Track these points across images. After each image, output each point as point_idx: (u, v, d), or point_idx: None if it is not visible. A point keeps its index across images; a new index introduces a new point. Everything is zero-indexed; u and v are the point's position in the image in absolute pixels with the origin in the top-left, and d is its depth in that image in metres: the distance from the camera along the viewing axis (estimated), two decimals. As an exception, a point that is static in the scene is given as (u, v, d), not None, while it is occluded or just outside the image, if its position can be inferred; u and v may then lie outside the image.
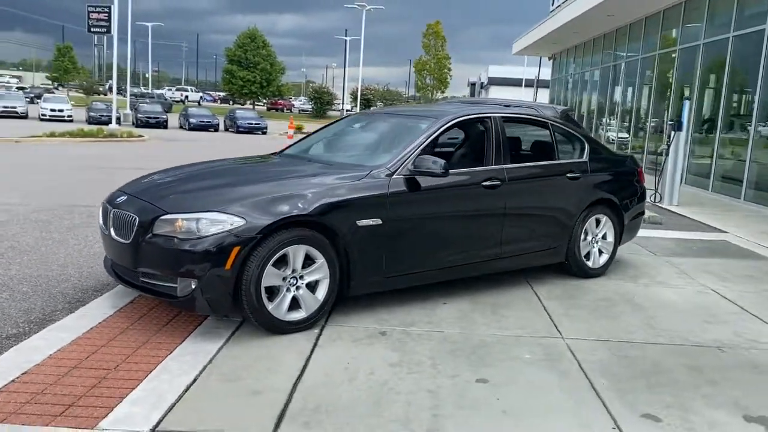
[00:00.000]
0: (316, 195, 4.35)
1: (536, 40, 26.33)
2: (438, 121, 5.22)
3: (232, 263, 3.98)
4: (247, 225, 4.04)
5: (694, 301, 5.52)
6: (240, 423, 3.07)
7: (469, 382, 3.67)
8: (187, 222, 4.04)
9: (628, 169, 6.50)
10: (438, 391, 3.53)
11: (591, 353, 4.21)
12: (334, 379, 3.63)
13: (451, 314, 4.86)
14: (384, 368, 3.80)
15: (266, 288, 4.14)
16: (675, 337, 4.60)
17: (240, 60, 53.76)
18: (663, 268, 6.66)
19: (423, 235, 4.86)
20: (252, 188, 4.41)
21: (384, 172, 4.71)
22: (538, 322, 4.77)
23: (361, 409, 3.28)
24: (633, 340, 4.51)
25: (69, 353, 3.82)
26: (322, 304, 4.39)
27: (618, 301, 5.42)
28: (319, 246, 4.31)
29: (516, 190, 5.37)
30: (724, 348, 4.44)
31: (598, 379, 3.80)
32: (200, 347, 3.99)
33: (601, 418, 3.32)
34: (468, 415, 3.27)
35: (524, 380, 3.75)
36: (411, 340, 4.29)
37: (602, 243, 6.16)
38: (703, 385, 3.80)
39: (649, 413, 3.39)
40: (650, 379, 3.84)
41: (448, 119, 5.27)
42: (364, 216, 4.49)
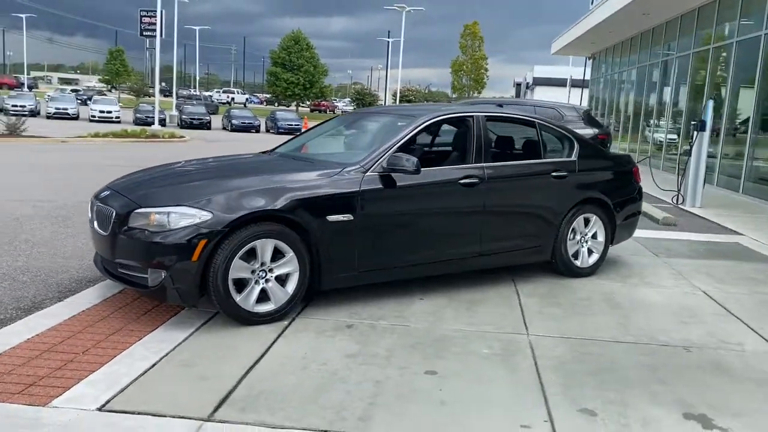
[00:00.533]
0: (286, 191, 4.50)
1: (573, 39, 26.00)
2: (415, 121, 5.31)
3: (198, 255, 4.16)
4: (214, 219, 4.22)
5: (678, 302, 5.47)
6: (181, 405, 3.24)
7: (417, 374, 3.76)
8: (159, 215, 4.24)
9: (621, 169, 6.45)
10: (384, 382, 3.64)
11: (551, 350, 4.24)
12: (287, 368, 3.77)
13: (424, 309, 4.94)
14: (339, 359, 3.92)
15: (235, 280, 4.32)
16: (643, 336, 4.59)
17: (284, 62, 54.58)
18: (659, 269, 6.59)
19: (397, 231, 4.96)
20: (225, 184, 4.58)
21: (358, 170, 4.83)
22: (508, 319, 4.81)
23: (301, 396, 3.41)
24: (599, 338, 4.51)
25: (45, 338, 4.06)
26: (291, 297, 4.54)
27: (598, 300, 5.42)
28: (288, 240, 4.46)
29: (496, 189, 5.42)
30: (691, 348, 4.41)
31: (548, 375, 3.84)
32: (169, 335, 4.18)
33: (537, 411, 3.37)
34: (403, 405, 3.37)
35: (473, 374, 3.81)
36: (375, 333, 4.40)
37: (592, 242, 6.15)
38: (654, 383, 3.80)
39: (587, 408, 3.43)
40: (602, 375, 3.86)
41: (425, 119, 5.36)
42: (334, 212, 4.62)
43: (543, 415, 3.33)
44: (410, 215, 5.04)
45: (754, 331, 4.81)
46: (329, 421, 3.15)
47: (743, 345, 4.51)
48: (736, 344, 4.52)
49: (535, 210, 5.71)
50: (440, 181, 5.19)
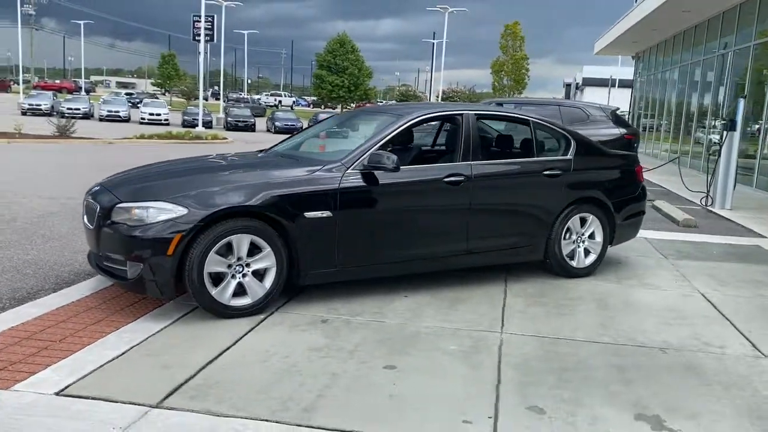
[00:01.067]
0: (263, 188, 4.60)
1: (614, 39, 25.49)
2: (400, 119, 5.35)
3: (174, 249, 4.29)
4: (190, 214, 4.34)
5: (671, 304, 5.34)
6: (134, 392, 3.35)
7: (375, 369, 3.80)
8: (138, 210, 4.39)
9: (622, 168, 6.33)
10: (340, 375, 3.68)
11: (519, 348, 4.21)
12: (248, 359, 3.85)
13: (405, 306, 4.97)
14: (303, 353, 3.99)
15: (212, 274, 4.43)
16: (622, 337, 4.51)
17: (329, 65, 55.02)
18: (662, 271, 6.44)
19: (379, 228, 5.00)
20: (204, 180, 4.71)
21: (339, 167, 4.90)
22: (487, 317, 4.79)
23: (254, 387, 3.48)
24: (575, 338, 4.45)
25: (28, 326, 4.25)
26: (267, 292, 4.62)
27: (588, 300, 5.33)
28: (265, 236, 4.55)
29: (483, 187, 5.40)
30: (668, 349, 4.31)
31: (508, 372, 3.82)
32: (146, 326, 4.32)
33: (485, 407, 3.36)
34: (351, 397, 3.41)
35: (432, 369, 3.82)
36: (348, 328, 4.45)
37: (589, 242, 6.05)
38: (617, 383, 3.73)
39: (537, 405, 3.40)
40: (564, 375, 3.81)
41: (410, 118, 5.38)
42: (312, 209, 4.69)
43: (489, 412, 3.32)
44: (393, 213, 5.07)
45: (741, 334, 4.67)
46: (272, 411, 3.22)
47: (725, 348, 4.38)
48: (718, 347, 4.39)
49: (526, 208, 5.66)
50: (424, 179, 5.21)
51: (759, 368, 4.05)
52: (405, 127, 5.32)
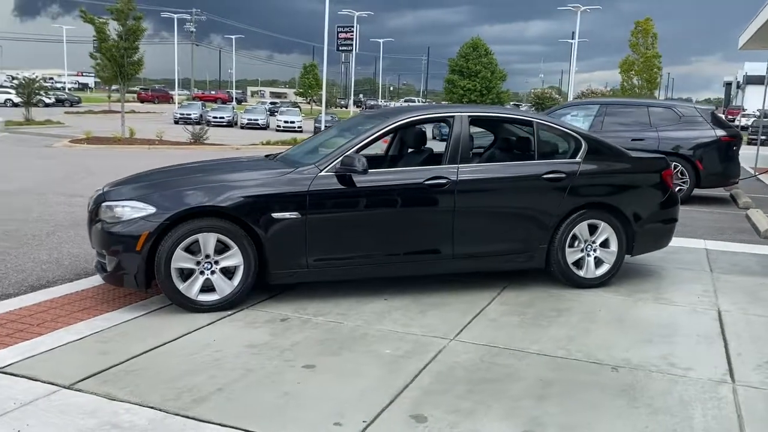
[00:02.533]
0: (231, 188, 4.82)
1: (758, 29, 23.19)
2: (384, 122, 5.36)
3: (142, 245, 4.62)
4: (157, 213, 4.66)
5: (669, 320, 4.89)
6: (59, 373, 3.68)
7: (293, 367, 3.87)
8: (117, 209, 4.77)
9: (644, 173, 5.86)
10: (254, 371, 3.80)
11: (457, 356, 4.09)
12: (183, 351, 4.07)
13: (377, 309, 4.97)
14: (236, 348, 4.15)
15: (180, 270, 4.72)
16: (580, 352, 4.22)
17: (462, 69, 54.97)
18: (692, 285, 5.88)
19: (351, 230, 5.05)
20: (182, 181, 5.02)
21: (312, 169, 5.02)
22: (450, 324, 4.68)
23: (165, 376, 3.69)
24: (526, 349, 4.24)
25: (24, 310, 4.77)
26: (235, 289, 4.83)
27: (575, 312, 5.03)
28: (232, 235, 4.77)
29: (470, 191, 5.26)
30: (622, 368, 3.98)
31: (424, 379, 3.74)
32: (119, 316, 4.69)
33: (367, 412, 3.32)
34: (247, 393, 3.51)
35: (348, 371, 3.83)
36: (299, 328, 4.54)
37: (601, 252, 5.67)
38: (528, 398, 3.53)
39: (422, 414, 3.31)
40: (478, 386, 3.67)
41: (395, 120, 5.38)
42: (280, 209, 4.85)
43: (369, 416, 3.28)
44: (368, 215, 5.10)
45: (726, 357, 4.19)
46: (164, 399, 3.40)
47: (691, 370, 3.96)
48: (683, 368, 3.98)
49: (521, 214, 5.44)
50: (403, 183, 5.18)
51: (712, 394, 3.63)
52: (386, 131, 5.33)
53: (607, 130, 11.42)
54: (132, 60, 27.02)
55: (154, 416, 3.23)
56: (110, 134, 26.06)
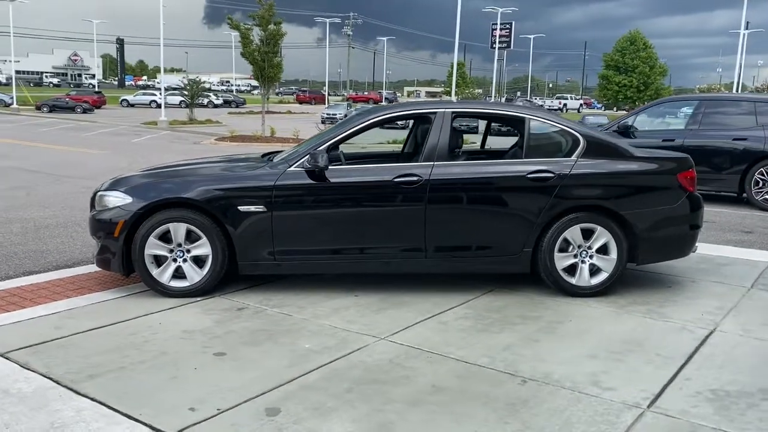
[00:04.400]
0: (201, 182, 5.09)
1: None
2: (361, 118, 5.35)
3: (119, 232, 5.02)
4: (132, 203, 5.04)
5: (640, 337, 4.42)
6: (4, 341, 4.12)
7: (205, 354, 4.03)
8: (106, 198, 5.21)
9: (653, 174, 5.31)
10: (168, 354, 4.01)
11: (371, 356, 4.02)
12: (122, 331, 4.38)
13: (337, 305, 5.00)
14: (172, 332, 4.38)
15: (154, 256, 5.07)
16: (504, 362, 3.96)
17: (617, 65, 52.21)
18: (707, 301, 5.24)
19: (318, 225, 5.10)
20: (167, 174, 5.36)
21: (281, 165, 5.15)
22: (396, 324, 4.59)
23: (88, 352, 4.00)
24: (449, 354, 4.06)
25: (33, 286, 5.36)
26: (204, 277, 5.09)
27: (541, 321, 4.70)
28: (201, 226, 5.03)
29: (445, 189, 5.11)
30: (533, 382, 3.68)
31: (315, 375, 3.72)
32: (101, 296, 5.13)
33: (229, 400, 3.39)
34: (142, 372, 3.72)
35: (251, 361, 3.92)
36: (248, 317, 4.69)
37: (598, 258, 5.24)
38: (401, 403, 3.40)
39: (278, 408, 3.32)
40: (362, 386, 3.59)
41: (373, 116, 5.34)
42: (246, 203, 5.03)
43: (230, 404, 3.35)
44: (337, 211, 5.13)
45: (671, 380, 3.72)
46: (66, 372, 3.71)
47: (611, 392, 3.58)
48: (603, 389, 3.60)
49: (500, 215, 5.17)
50: (373, 180, 5.15)
51: (607, 418, 3.26)
52: (362, 128, 5.30)
53: (706, 128, 10.41)
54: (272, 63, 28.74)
55: (44, 385, 3.54)
56: (252, 133, 28.00)
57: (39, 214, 8.80)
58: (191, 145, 23.89)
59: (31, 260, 6.34)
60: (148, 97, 56.21)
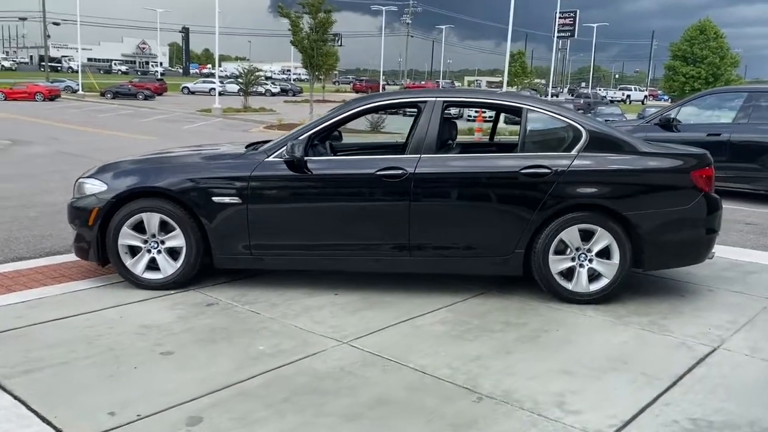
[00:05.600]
0: (176, 171, 4.91)
1: None
2: (348, 106, 5.06)
3: (93, 220, 4.89)
4: (107, 191, 4.90)
5: (624, 353, 3.99)
6: (-38, 331, 4.06)
7: (153, 352, 3.84)
8: (83, 185, 5.09)
9: (664, 172, 4.82)
10: (114, 350, 3.84)
11: (325, 362, 3.75)
12: (79, 324, 4.23)
13: (312, 303, 4.75)
14: (129, 326, 4.21)
15: (128, 247, 4.92)
16: (466, 374, 3.62)
17: (685, 55, 49.81)
18: (718, 314, 4.74)
19: (294, 219, 4.86)
20: (146, 162, 5.20)
21: (259, 155, 4.92)
22: (365, 326, 4.30)
23: (36, 344, 3.87)
24: (407, 363, 3.75)
25: (15, 272, 5.31)
26: (178, 270, 4.92)
27: (523, 329, 4.32)
28: (175, 217, 4.85)
29: (429, 184, 4.77)
30: (490, 399, 3.34)
31: (257, 381, 3.48)
32: (77, 286, 5.02)
33: (155, 405, 3.19)
34: (79, 370, 3.56)
35: (197, 362, 3.71)
36: (213, 314, 4.49)
37: (598, 262, 4.80)
38: (334, 417, 3.12)
39: (200, 417, 3.10)
40: (300, 396, 3.33)
41: (360, 105, 5.05)
42: (220, 194, 4.82)
43: (154, 410, 3.15)
44: (317, 206, 4.87)
45: (644, 406, 3.31)
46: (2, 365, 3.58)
47: (574, 415, 3.20)
48: (567, 412, 3.23)
49: (490, 213, 4.79)
50: (354, 172, 4.86)
51: (558, 448, 2.90)
52: (345, 117, 5.01)
53: (756, 122, 9.65)
54: (321, 51, 28.63)
55: (-24, 377, 3.42)
56: (300, 121, 28.02)
57: (63, 199, 8.76)
58: (240, 133, 24.07)
59: (27, 246, 6.34)
60: (207, 84, 57.15)
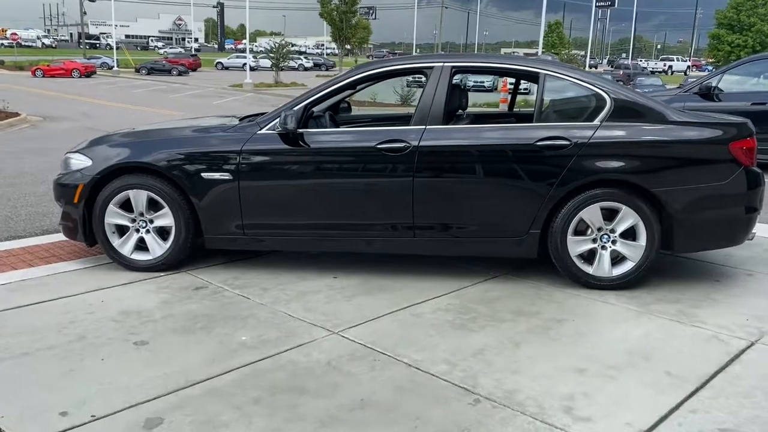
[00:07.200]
0: (163, 145, 4.57)
1: None
2: (346, 74, 4.64)
3: (78, 198, 4.60)
4: (92, 166, 4.60)
5: (647, 347, 3.55)
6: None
7: (126, 341, 3.54)
8: (69, 160, 4.79)
9: (699, 143, 4.29)
10: (85, 338, 3.55)
11: (310, 355, 3.40)
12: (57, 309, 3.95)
13: (308, 288, 4.41)
14: (107, 312, 3.92)
15: (116, 226, 4.63)
16: (465, 372, 3.24)
17: (731, 23, 47.70)
18: (755, 300, 4.26)
19: (289, 196, 4.49)
20: (133, 135, 4.89)
21: (252, 127, 4.56)
22: (360, 314, 3.94)
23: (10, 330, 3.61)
24: (400, 358, 3.37)
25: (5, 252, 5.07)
26: (167, 251, 4.61)
27: (535, 318, 3.91)
28: (163, 194, 4.53)
29: (434, 158, 4.35)
30: (489, 401, 2.95)
31: (230, 377, 3.16)
32: (65, 267, 4.75)
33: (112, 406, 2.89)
34: (42, 361, 3.28)
35: (170, 354, 3.40)
36: (199, 299, 4.18)
37: (621, 244, 4.34)
38: (307, 422, 2.77)
39: (161, 419, 2.78)
40: (275, 396, 2.99)
41: (361, 71, 4.62)
42: (209, 170, 4.48)
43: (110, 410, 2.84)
44: (313, 182, 4.50)
45: (666, 412, 2.89)
46: (-36, 356, 3.33)
47: (583, 423, 2.79)
48: (576, 419, 2.82)
49: (501, 189, 4.35)
50: (353, 146, 4.47)
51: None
52: (343, 84, 4.60)
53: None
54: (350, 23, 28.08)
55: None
56: (329, 95, 27.51)
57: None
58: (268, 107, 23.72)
59: (26, 223, 6.13)
60: (241, 60, 56.96)
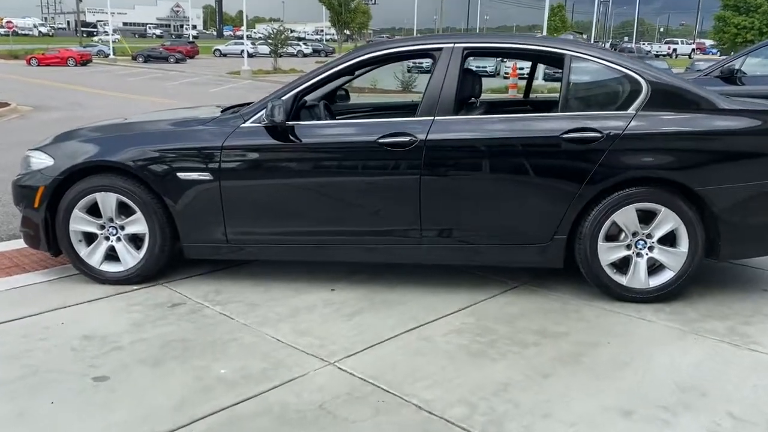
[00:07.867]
0: (135, 142, 4.01)
1: None
2: (342, 58, 4.06)
3: (39, 202, 4.03)
4: (54, 165, 4.03)
5: (704, 379, 2.99)
6: None
7: (84, 378, 2.99)
8: (29, 158, 4.21)
9: (751, 135, 3.71)
10: (39, 372, 3.01)
11: (300, 395, 2.86)
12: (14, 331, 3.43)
13: (302, 303, 3.86)
14: (69, 337, 3.38)
15: (82, 233, 4.08)
16: (486, 416, 2.68)
17: (737, 4, 46.79)
18: (823, 316, 3.69)
19: (282, 199, 3.93)
20: (103, 129, 4.33)
21: (235, 120, 3.99)
22: (362, 337, 3.39)
23: (-60, 365, 3.08)
24: (408, 397, 2.82)
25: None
26: (140, 261, 4.06)
27: (565, 341, 3.35)
28: (134, 197, 3.97)
29: (444, 153, 3.78)
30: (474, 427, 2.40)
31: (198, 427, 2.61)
32: (28, 280, 4.20)
33: None
34: None
35: (128, 396, 2.84)
36: (175, 318, 3.63)
37: (660, 251, 3.78)
38: None
39: None
40: None
41: (357, 55, 4.05)
42: (186, 169, 3.92)
43: None
44: (304, 181, 3.93)
45: None
46: None
47: None
48: None
49: (522, 189, 3.78)
50: (351, 141, 3.90)
51: None
52: (339, 70, 4.02)
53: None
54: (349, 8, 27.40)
55: None
56: (329, 82, 26.85)
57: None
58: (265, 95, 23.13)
59: (-5, 226, 5.57)
60: (239, 46, 56.03)
